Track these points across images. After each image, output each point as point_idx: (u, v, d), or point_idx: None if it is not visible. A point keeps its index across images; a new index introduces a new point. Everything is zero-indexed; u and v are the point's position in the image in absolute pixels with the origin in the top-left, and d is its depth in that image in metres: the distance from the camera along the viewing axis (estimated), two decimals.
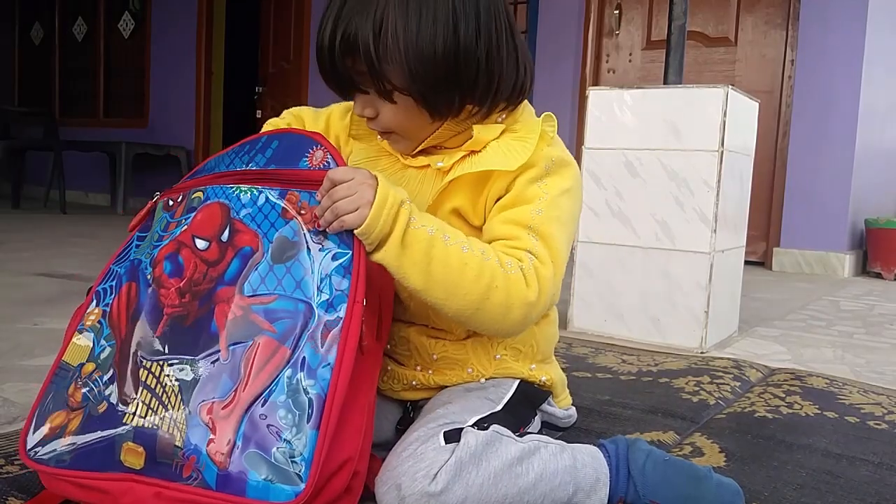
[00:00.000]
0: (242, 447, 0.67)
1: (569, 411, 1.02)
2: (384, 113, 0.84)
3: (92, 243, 3.55)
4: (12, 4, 7.18)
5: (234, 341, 0.71)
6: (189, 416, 0.69)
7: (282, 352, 0.70)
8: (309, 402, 0.68)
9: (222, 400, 0.69)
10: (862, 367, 1.73)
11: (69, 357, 0.80)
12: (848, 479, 0.98)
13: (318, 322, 0.71)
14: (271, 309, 0.72)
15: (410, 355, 0.93)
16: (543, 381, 0.94)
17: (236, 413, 0.68)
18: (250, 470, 0.66)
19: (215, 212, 0.78)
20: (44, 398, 0.79)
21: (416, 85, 0.79)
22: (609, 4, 4.26)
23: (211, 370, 0.70)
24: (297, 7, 5.40)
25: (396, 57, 0.77)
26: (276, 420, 0.67)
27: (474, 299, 0.77)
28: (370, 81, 0.80)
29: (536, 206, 0.83)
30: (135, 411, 0.72)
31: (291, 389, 0.68)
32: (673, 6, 2.04)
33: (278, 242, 0.74)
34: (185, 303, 0.75)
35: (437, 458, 0.73)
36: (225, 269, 0.75)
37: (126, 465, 0.71)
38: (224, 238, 0.76)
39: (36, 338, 1.63)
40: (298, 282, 0.72)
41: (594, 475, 0.79)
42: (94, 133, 6.34)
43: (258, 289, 0.73)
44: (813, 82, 3.65)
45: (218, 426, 0.68)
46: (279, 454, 0.66)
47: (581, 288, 1.96)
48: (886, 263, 3.63)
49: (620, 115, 1.88)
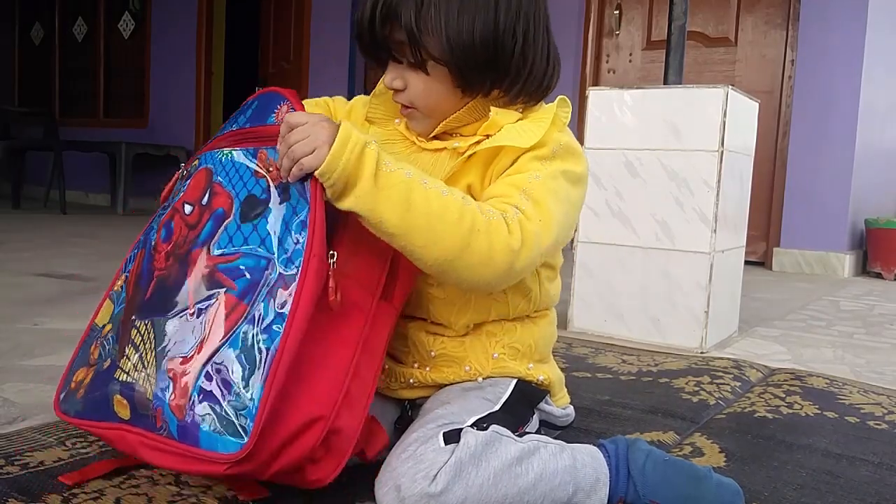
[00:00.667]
0: (197, 400, 0.70)
1: (566, 410, 1.01)
2: (414, 85, 0.86)
3: (92, 243, 3.55)
4: (12, 4, 7.18)
5: (200, 299, 0.74)
6: (158, 370, 0.73)
7: (240, 308, 0.71)
8: (260, 357, 0.69)
9: (185, 355, 0.72)
10: (862, 367, 1.73)
11: (99, 319, 0.87)
12: (848, 479, 0.98)
13: (278, 277, 0.71)
14: (234, 266, 0.73)
15: (408, 352, 0.93)
16: (541, 380, 0.94)
17: (195, 367, 0.71)
18: (201, 423, 0.69)
19: (202, 177, 0.81)
20: (76, 357, 0.86)
21: (452, 57, 0.81)
22: (609, 4, 4.26)
23: (178, 327, 0.74)
24: (297, 7, 5.40)
25: (437, 28, 0.80)
26: (229, 374, 0.69)
27: (455, 244, 0.75)
28: (408, 50, 0.82)
29: (535, 174, 0.84)
30: (123, 367, 0.77)
31: (246, 344, 0.70)
32: (673, 6, 2.04)
33: (247, 201, 0.76)
34: (168, 265, 0.79)
35: (437, 458, 0.73)
36: (200, 231, 0.78)
37: (119, 416, 0.76)
38: (204, 202, 0.79)
39: (36, 338, 1.63)
40: (263, 238, 0.73)
41: (594, 475, 0.79)
42: (94, 133, 6.34)
43: (226, 248, 0.75)
44: (813, 82, 3.65)
45: (179, 380, 0.71)
46: (229, 407, 0.68)
47: (581, 288, 1.96)
48: (886, 263, 3.63)
49: (620, 115, 1.88)
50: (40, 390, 1.26)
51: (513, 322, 0.94)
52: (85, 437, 0.99)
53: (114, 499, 0.81)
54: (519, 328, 0.94)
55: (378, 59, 0.88)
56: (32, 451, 0.94)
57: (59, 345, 1.58)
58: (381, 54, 0.86)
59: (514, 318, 0.94)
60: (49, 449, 0.95)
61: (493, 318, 0.92)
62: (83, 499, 0.81)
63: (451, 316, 0.90)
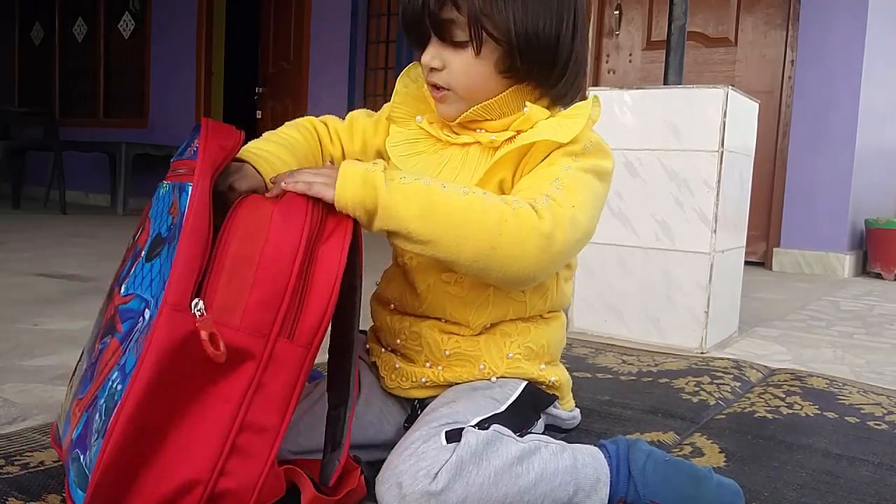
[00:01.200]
0: (72, 446, 0.70)
1: (573, 413, 1.02)
2: (454, 65, 0.85)
3: (92, 243, 3.55)
4: (12, 5, 7.18)
5: (102, 342, 0.74)
6: (67, 411, 0.76)
7: (117, 353, 0.69)
8: (112, 408, 0.65)
9: (80, 399, 0.73)
10: (862, 367, 1.73)
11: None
12: (848, 479, 0.98)
13: (147, 322, 0.67)
14: (126, 308, 0.72)
15: (421, 351, 0.93)
16: (552, 381, 0.94)
17: (79, 412, 0.71)
18: (70, 469, 0.70)
19: (145, 211, 0.80)
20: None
21: (515, 39, 0.82)
22: (609, 5, 4.26)
23: (86, 368, 0.75)
24: (297, 7, 5.40)
25: (500, 11, 0.80)
26: (93, 424, 0.68)
27: (485, 238, 0.75)
28: (461, 29, 0.82)
29: (567, 166, 0.84)
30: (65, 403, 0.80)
31: (109, 393, 0.67)
32: (673, 6, 2.04)
33: (154, 240, 0.73)
34: (105, 303, 0.80)
35: (438, 457, 0.73)
36: (122, 269, 0.78)
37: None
38: (136, 236, 0.79)
39: (36, 338, 1.63)
40: (152, 280, 0.70)
41: (595, 475, 0.80)
42: (94, 133, 6.34)
43: (128, 288, 0.74)
44: (813, 82, 3.65)
45: (72, 422, 0.72)
46: (87, 458, 0.67)
47: (581, 288, 1.96)
48: (886, 263, 3.63)
49: (620, 116, 1.88)
50: (40, 390, 1.26)
51: (527, 323, 0.94)
52: None
53: None
54: (533, 329, 0.94)
55: (420, 38, 0.86)
56: (32, 451, 0.94)
57: (59, 345, 1.58)
58: (425, 33, 0.85)
59: (529, 317, 0.94)
60: (49, 449, 0.95)
61: (510, 317, 0.93)
62: None
63: (469, 315, 0.90)
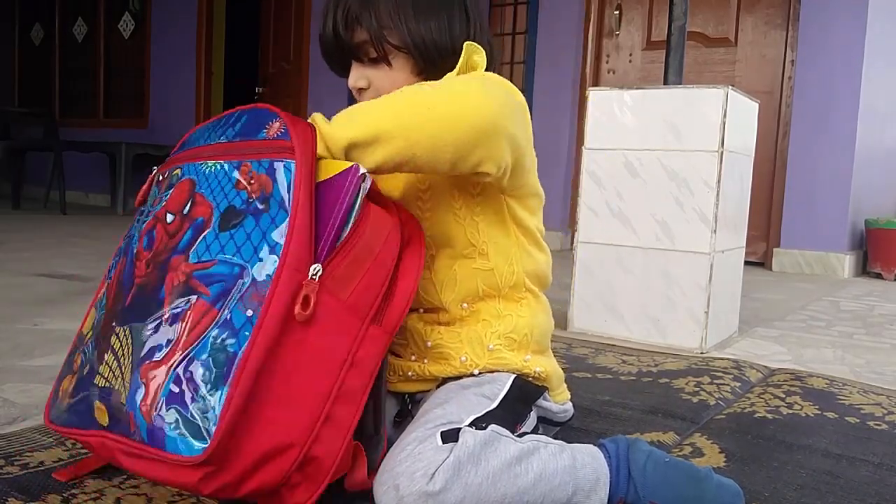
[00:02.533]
0: (165, 403, 0.70)
1: (564, 406, 1.01)
2: (378, 81, 0.93)
3: (92, 244, 3.56)
4: (12, 5, 7.18)
5: (175, 305, 0.74)
6: (132, 376, 0.74)
7: (211, 313, 0.72)
8: (227, 360, 0.69)
9: (157, 361, 0.72)
10: (862, 367, 1.73)
11: (85, 328, 0.87)
12: (848, 479, 0.98)
13: (251, 283, 0.72)
14: (209, 273, 0.74)
15: (407, 344, 0.94)
16: (538, 372, 0.94)
17: (164, 371, 0.71)
18: (167, 425, 0.69)
19: (185, 188, 0.82)
20: (63, 366, 0.87)
21: (414, 43, 0.91)
22: (609, 5, 4.26)
23: (153, 332, 0.74)
24: (297, 7, 5.40)
25: (397, 24, 0.90)
26: (197, 378, 0.69)
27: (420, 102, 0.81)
28: (371, 47, 0.92)
29: None
30: (102, 372, 0.78)
31: (214, 348, 0.70)
32: (673, 6, 2.04)
33: (227, 212, 0.76)
34: (147, 272, 0.79)
35: (435, 457, 0.73)
36: (179, 240, 0.78)
37: (99, 423, 0.76)
38: (185, 211, 0.80)
39: (36, 338, 1.63)
40: (239, 247, 0.74)
41: (594, 475, 0.79)
42: (94, 133, 6.34)
43: (202, 255, 0.75)
44: (813, 82, 3.65)
45: (150, 384, 0.71)
46: (195, 410, 0.68)
47: (581, 288, 1.96)
48: (886, 264, 3.63)
49: (620, 116, 1.88)
50: (40, 390, 1.26)
51: (506, 302, 0.94)
52: None
53: (114, 499, 0.81)
54: (515, 316, 0.94)
55: (342, 65, 0.97)
56: (32, 451, 0.94)
57: (59, 345, 1.58)
58: (345, 58, 0.96)
59: (509, 291, 0.95)
60: (49, 449, 0.95)
61: (483, 289, 0.93)
62: (83, 499, 0.81)
63: (441, 295, 0.92)
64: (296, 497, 0.74)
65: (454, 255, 0.93)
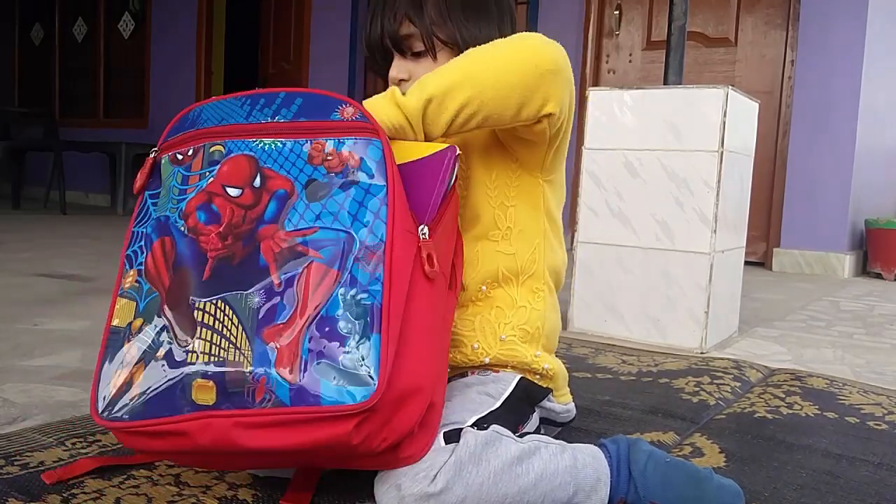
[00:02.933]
0: (310, 360, 0.69)
1: (567, 406, 1.01)
2: (419, 73, 0.93)
3: (92, 244, 3.56)
4: (12, 5, 7.18)
5: (285, 271, 0.74)
6: (253, 343, 0.72)
7: (332, 274, 0.73)
8: (366, 311, 0.71)
9: (283, 323, 0.72)
10: (862, 367, 1.73)
11: (117, 320, 0.82)
12: (848, 479, 0.98)
13: (360, 246, 0.74)
14: (314, 239, 0.75)
15: None
16: (546, 368, 0.94)
17: (298, 331, 0.71)
18: (321, 379, 0.68)
19: (242, 163, 0.81)
20: (102, 363, 0.80)
21: (462, 43, 0.94)
22: (609, 5, 4.26)
23: (266, 298, 0.73)
24: (297, 7, 5.40)
25: (447, 23, 0.94)
26: (338, 331, 0.70)
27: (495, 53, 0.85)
28: (418, 41, 0.95)
29: None
30: (198, 349, 0.73)
31: (347, 303, 0.71)
32: (673, 6, 2.04)
33: (311, 184, 0.78)
34: (227, 244, 0.77)
35: (437, 458, 0.73)
36: (263, 210, 0.78)
37: (199, 403, 0.71)
38: (256, 184, 0.79)
39: (36, 338, 1.63)
40: (335, 214, 0.76)
41: (595, 475, 0.80)
42: (94, 133, 6.34)
43: (298, 224, 0.76)
44: (813, 82, 3.65)
45: (283, 346, 0.71)
46: (347, 360, 0.69)
47: (581, 288, 1.96)
48: (886, 264, 3.63)
49: (620, 116, 1.88)
50: (40, 390, 1.26)
51: (523, 302, 0.95)
52: (84, 437, 0.99)
53: (114, 499, 0.81)
54: (528, 308, 0.95)
55: (385, 59, 0.99)
56: (32, 451, 0.94)
57: (59, 345, 1.58)
58: (388, 52, 0.98)
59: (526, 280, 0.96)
60: (49, 449, 0.95)
61: (503, 271, 0.95)
62: (83, 499, 0.81)
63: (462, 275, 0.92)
64: (412, 447, 0.74)
65: (478, 236, 0.95)
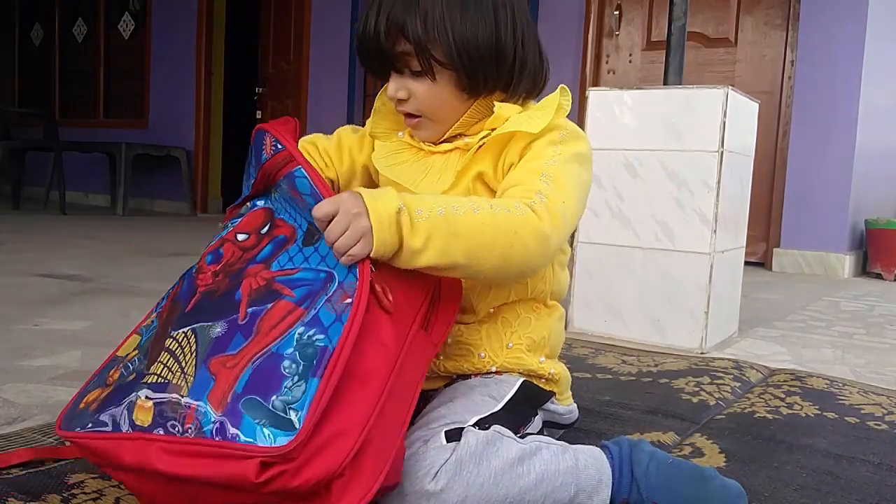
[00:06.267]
0: (241, 394, 0.68)
1: (570, 408, 1.01)
2: (418, 93, 0.89)
3: (92, 244, 3.56)
4: (12, 6, 7.18)
5: (254, 305, 0.74)
6: (198, 369, 0.71)
7: (297, 312, 0.72)
8: (316, 353, 0.69)
9: (231, 354, 0.71)
10: (862, 367, 1.73)
11: (122, 351, 0.85)
12: (848, 479, 0.98)
13: (338, 286, 0.73)
14: (293, 278, 0.75)
15: None
16: (552, 373, 0.95)
17: (241, 364, 0.70)
18: (245, 416, 0.67)
19: (260, 214, 0.84)
20: (89, 384, 0.82)
21: (459, 61, 0.86)
22: (609, 5, 4.26)
23: (226, 330, 0.73)
24: (297, 7, 5.40)
25: (443, 35, 0.85)
26: (280, 370, 0.69)
27: (500, 252, 0.79)
28: (414, 59, 0.87)
29: (552, 158, 0.88)
30: (154, 371, 0.75)
31: (301, 344, 0.70)
32: (673, 6, 2.04)
33: (309, 229, 0.78)
34: (217, 280, 0.79)
35: (438, 457, 0.73)
36: (258, 252, 0.79)
37: (137, 424, 0.73)
38: (263, 231, 0.81)
39: (36, 338, 1.63)
40: (324, 256, 0.76)
41: (596, 476, 0.80)
42: (94, 134, 6.34)
43: (285, 265, 0.76)
44: (813, 82, 3.65)
45: (221, 375, 0.70)
46: (278, 401, 0.67)
47: (581, 288, 1.96)
48: (886, 264, 3.63)
49: (620, 116, 1.88)
50: (40, 390, 1.26)
51: (528, 313, 0.95)
52: None
53: (113, 499, 0.81)
54: (534, 320, 0.95)
55: (380, 72, 0.91)
56: None
57: (59, 345, 1.58)
58: (385, 67, 0.90)
59: (531, 301, 0.96)
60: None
61: (512, 299, 0.94)
62: (83, 499, 0.81)
63: (473, 300, 0.92)
64: (348, 496, 0.70)
65: None
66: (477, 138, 0.91)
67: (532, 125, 0.88)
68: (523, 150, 0.89)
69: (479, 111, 0.92)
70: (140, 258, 3.16)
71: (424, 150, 0.94)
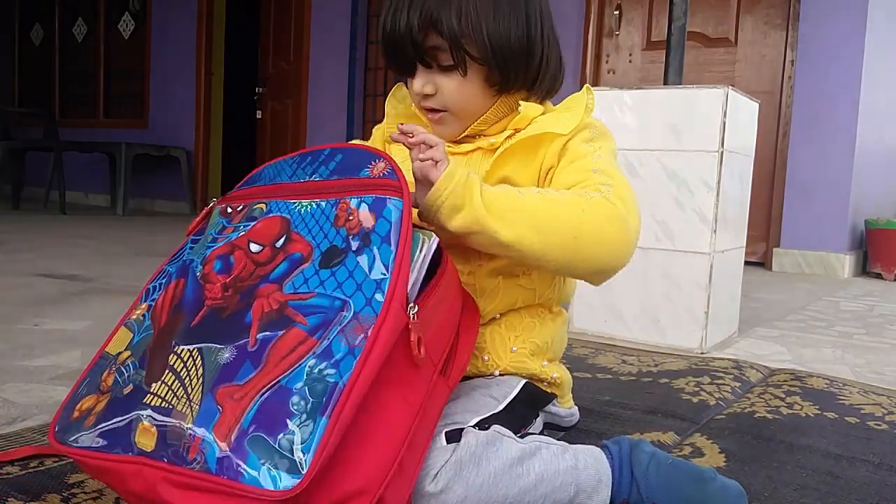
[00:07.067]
0: (248, 430, 0.65)
1: (571, 410, 1.02)
2: (446, 88, 0.89)
3: (92, 244, 3.56)
4: (12, 6, 7.18)
5: (265, 332, 0.71)
6: (204, 397, 0.69)
7: (309, 342, 0.69)
8: (326, 389, 0.65)
9: (239, 384, 0.68)
10: (862, 367, 1.73)
11: (111, 348, 0.82)
12: (848, 479, 0.98)
13: (353, 317, 0.69)
14: (307, 304, 0.72)
15: None
16: (554, 377, 0.95)
17: (249, 396, 0.67)
18: (251, 454, 0.64)
19: (275, 223, 0.80)
20: (80, 385, 0.80)
21: (493, 57, 0.86)
22: (609, 5, 4.26)
23: (235, 356, 0.70)
24: (297, 7, 5.40)
25: (477, 30, 0.85)
26: (289, 406, 0.65)
27: (569, 230, 0.79)
28: (445, 54, 0.87)
29: (595, 155, 0.88)
30: (157, 392, 0.72)
31: (311, 378, 0.66)
32: (673, 6, 2.04)
33: (328, 251, 0.75)
34: (226, 296, 0.76)
35: (438, 457, 0.73)
36: (272, 270, 0.76)
37: (139, 447, 0.70)
38: (278, 245, 0.78)
39: (36, 338, 1.63)
40: (341, 283, 0.72)
41: (596, 476, 0.79)
42: (94, 133, 6.34)
43: (299, 288, 0.73)
44: (813, 82, 3.65)
45: (228, 408, 0.67)
46: (284, 440, 0.64)
47: (581, 288, 1.95)
48: (886, 264, 3.63)
49: (620, 116, 1.88)
50: (40, 390, 1.26)
51: (533, 318, 0.96)
52: None
53: (114, 499, 0.81)
54: (539, 325, 0.95)
55: (406, 66, 0.90)
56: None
57: (59, 345, 1.58)
58: (412, 61, 0.89)
59: (537, 307, 0.96)
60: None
61: (519, 304, 0.94)
62: (83, 499, 0.81)
63: (480, 303, 0.92)
64: None
65: (501, 271, 0.92)
66: (502, 137, 0.91)
67: (561, 126, 0.88)
68: (561, 151, 0.89)
69: (501, 109, 0.92)
70: (140, 258, 3.16)
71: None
